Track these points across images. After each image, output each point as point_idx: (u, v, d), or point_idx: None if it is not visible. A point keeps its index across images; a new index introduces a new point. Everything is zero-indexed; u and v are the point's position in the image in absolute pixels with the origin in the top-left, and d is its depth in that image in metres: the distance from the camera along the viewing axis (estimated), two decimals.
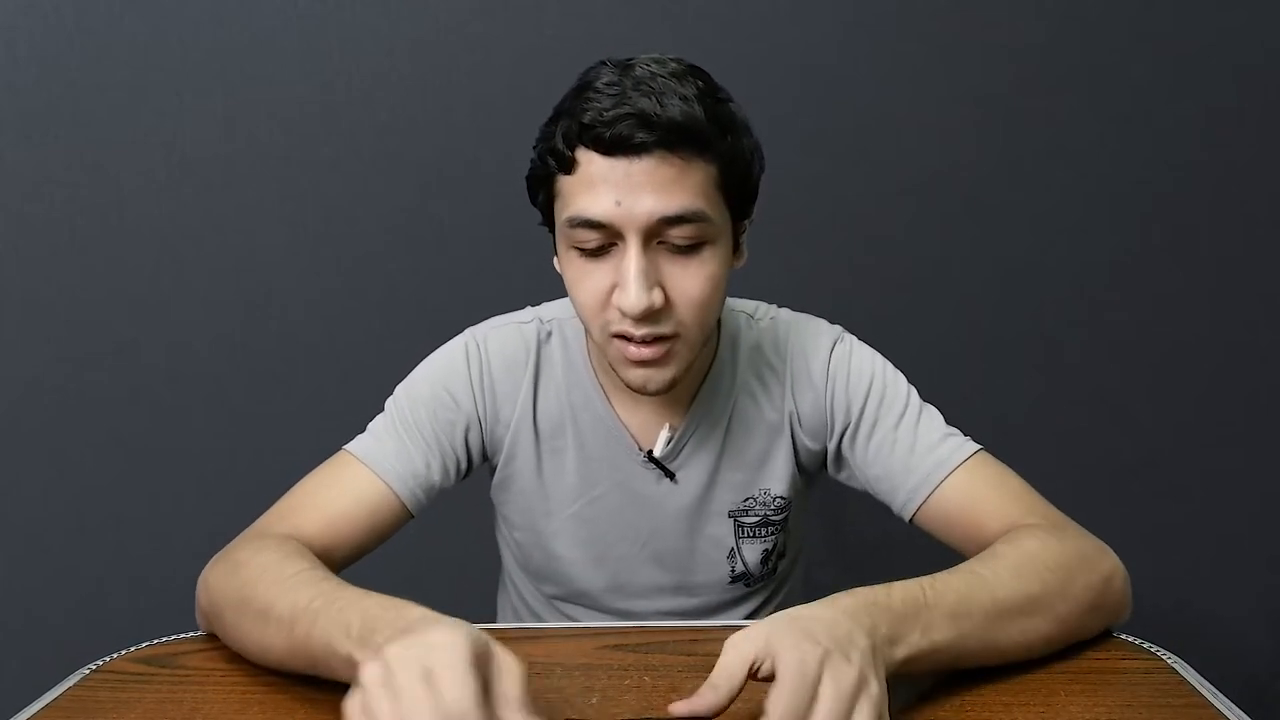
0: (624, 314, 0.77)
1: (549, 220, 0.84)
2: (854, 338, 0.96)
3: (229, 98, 1.43)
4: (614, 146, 0.73)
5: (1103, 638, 0.77)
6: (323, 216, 1.48)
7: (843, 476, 0.97)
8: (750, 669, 0.58)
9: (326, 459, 0.91)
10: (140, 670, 0.73)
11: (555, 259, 0.87)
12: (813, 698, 0.55)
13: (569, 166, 0.77)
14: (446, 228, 1.49)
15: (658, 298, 0.76)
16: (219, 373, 1.51)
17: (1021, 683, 0.69)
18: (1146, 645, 0.75)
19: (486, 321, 0.97)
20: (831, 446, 0.95)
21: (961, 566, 0.73)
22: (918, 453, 0.89)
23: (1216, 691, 0.67)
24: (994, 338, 1.55)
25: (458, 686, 0.51)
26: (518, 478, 0.96)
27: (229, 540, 0.82)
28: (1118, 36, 1.47)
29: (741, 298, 1.00)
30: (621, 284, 0.76)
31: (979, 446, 0.89)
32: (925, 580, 0.68)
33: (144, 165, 1.44)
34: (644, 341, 0.78)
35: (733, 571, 0.97)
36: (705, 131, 0.75)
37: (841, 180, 1.49)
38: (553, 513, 0.96)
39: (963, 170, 1.50)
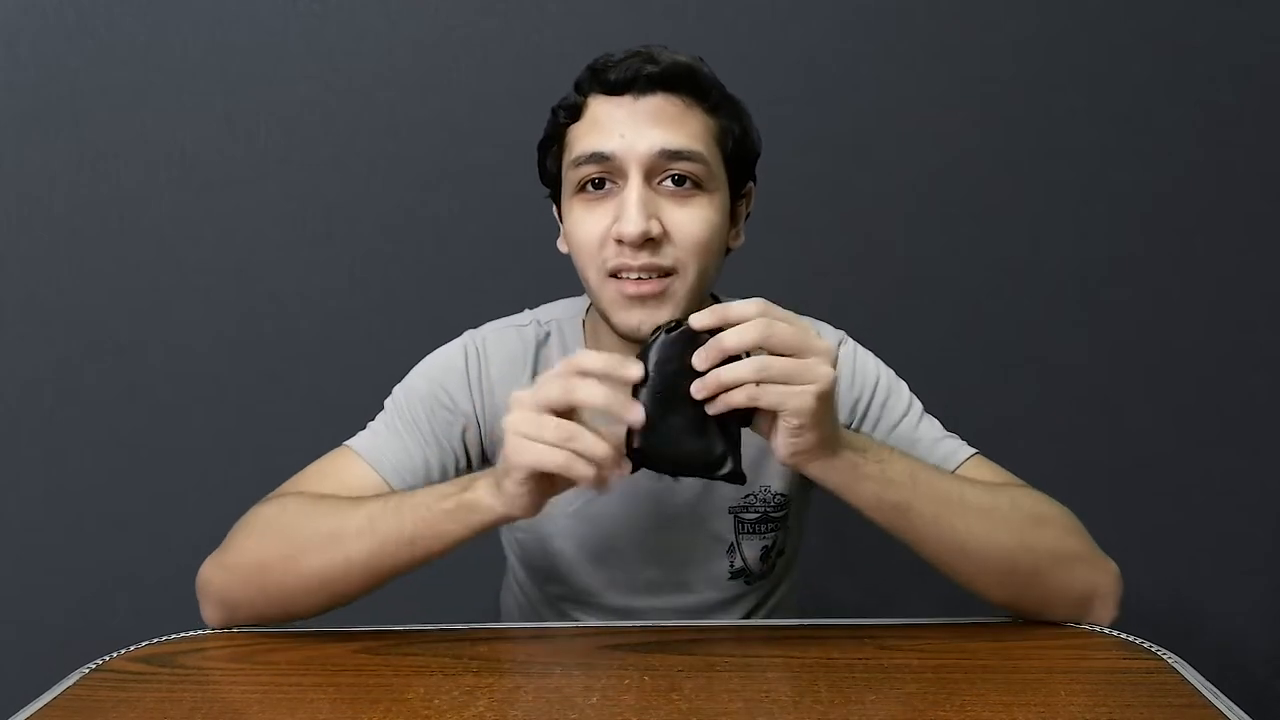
0: (622, 242, 0.79)
1: (557, 191, 0.87)
2: (855, 342, 0.98)
3: (229, 98, 1.44)
4: (619, 86, 0.79)
5: (1103, 638, 0.77)
6: (323, 216, 1.48)
7: None
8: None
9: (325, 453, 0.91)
10: (140, 670, 0.73)
11: (559, 240, 0.89)
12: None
13: (578, 113, 0.82)
14: (446, 228, 1.49)
15: (655, 227, 0.79)
16: (219, 373, 1.51)
17: (1021, 683, 0.69)
18: (1147, 645, 0.75)
19: (485, 325, 0.98)
20: None
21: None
22: (917, 453, 0.89)
23: (1217, 691, 0.67)
24: (994, 338, 1.55)
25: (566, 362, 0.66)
26: None
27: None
28: (1118, 36, 1.47)
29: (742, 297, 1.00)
30: (622, 213, 0.79)
31: (975, 450, 0.90)
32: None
33: (144, 165, 1.44)
34: (642, 277, 0.80)
35: (732, 567, 0.97)
36: (707, 80, 0.81)
37: (841, 180, 1.49)
38: (554, 512, 0.96)
39: (963, 170, 1.50)
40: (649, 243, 0.79)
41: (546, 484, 0.68)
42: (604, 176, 0.80)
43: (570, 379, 0.64)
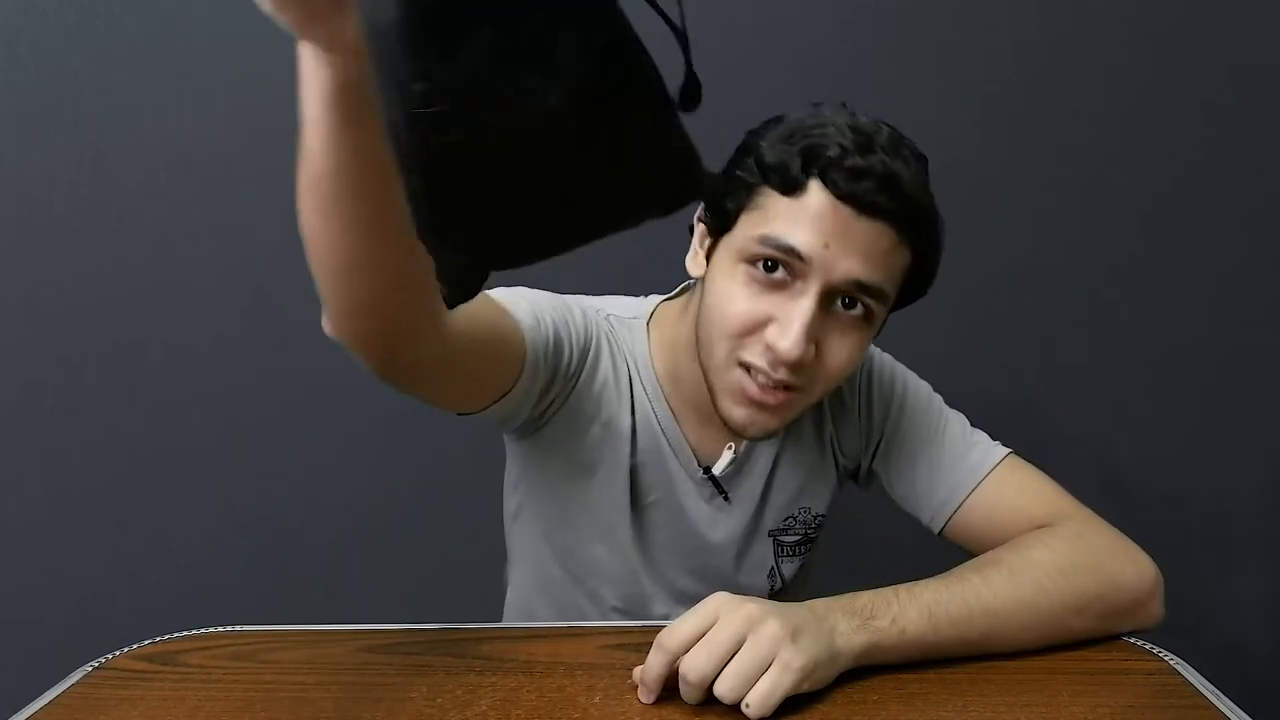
0: (771, 351, 0.74)
1: (722, 223, 0.80)
2: (879, 353, 0.96)
3: (229, 98, 1.43)
4: (852, 197, 0.72)
5: (1105, 638, 0.77)
6: None
7: (871, 489, 0.97)
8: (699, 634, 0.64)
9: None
10: (142, 668, 0.73)
11: (691, 257, 0.84)
12: (734, 654, 0.62)
13: (794, 190, 0.74)
14: None
15: (811, 353, 0.75)
16: (219, 373, 1.51)
17: (1024, 683, 0.69)
18: (1149, 646, 0.75)
19: (607, 301, 0.91)
20: (864, 465, 0.95)
21: (952, 571, 0.75)
22: (944, 465, 0.88)
23: (1218, 692, 0.67)
24: (994, 338, 1.55)
25: None
26: (604, 475, 0.90)
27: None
28: (1118, 36, 1.47)
29: None
30: (784, 324, 0.74)
31: (1006, 451, 0.89)
32: (905, 584, 0.72)
33: (144, 165, 1.44)
34: (773, 386, 0.76)
35: (772, 589, 0.96)
36: (926, 224, 0.77)
37: None
38: (614, 514, 0.92)
39: (963, 170, 1.50)
40: (797, 363, 0.75)
41: None
42: (783, 264, 0.75)
43: None
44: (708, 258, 0.82)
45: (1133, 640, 0.76)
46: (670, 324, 0.89)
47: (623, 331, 0.90)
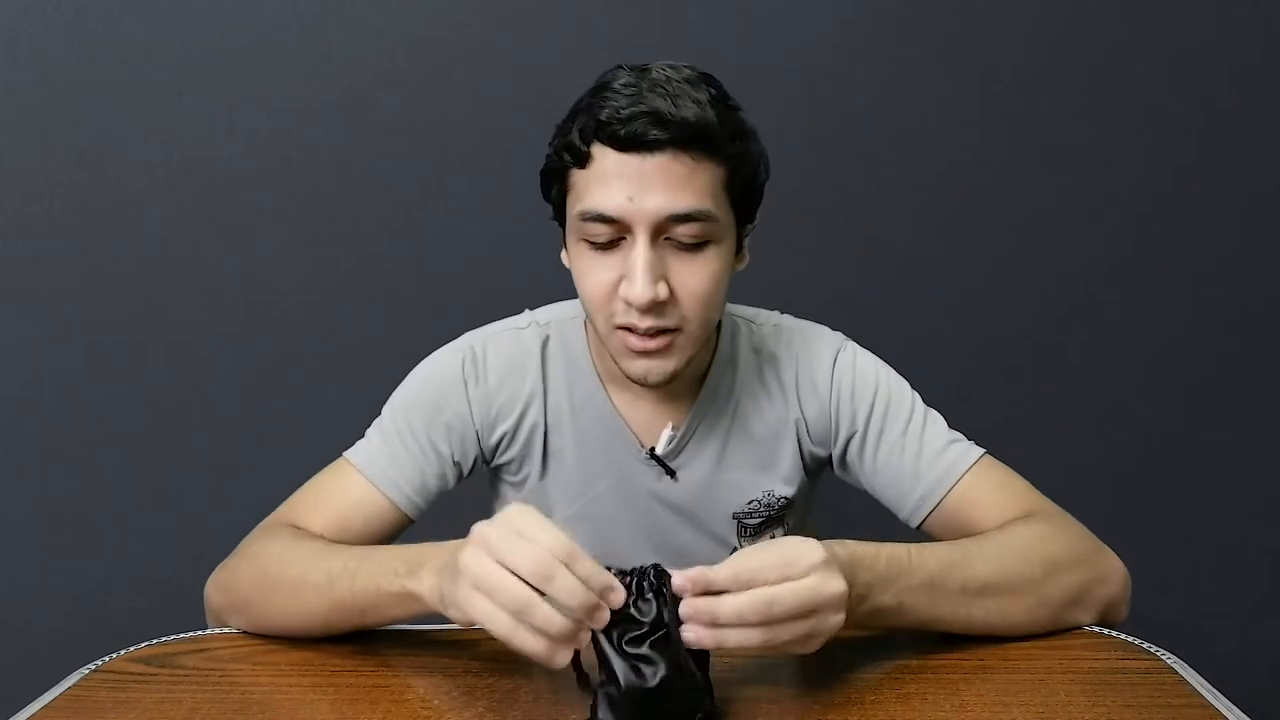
0: (629, 305, 0.79)
1: (560, 214, 0.86)
2: (855, 345, 0.97)
3: (229, 98, 1.43)
4: (628, 143, 0.76)
5: (1102, 638, 0.77)
6: (323, 216, 1.48)
7: (848, 478, 0.97)
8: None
9: (326, 462, 0.91)
10: (140, 670, 0.73)
11: (563, 253, 0.88)
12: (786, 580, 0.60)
13: (583, 161, 0.79)
14: (446, 228, 1.49)
15: (663, 291, 0.78)
16: (219, 373, 1.51)
17: (1022, 683, 0.69)
18: (1146, 645, 0.75)
19: (484, 328, 0.97)
20: (836, 452, 0.95)
21: (952, 541, 0.78)
22: (924, 461, 0.89)
23: (1216, 692, 0.67)
24: (994, 338, 1.55)
25: (549, 531, 0.59)
26: (523, 483, 0.97)
27: (229, 540, 0.83)
28: (1118, 36, 1.47)
29: (743, 298, 1.00)
30: (629, 276, 0.78)
31: (983, 451, 0.90)
32: (914, 547, 0.73)
33: (144, 165, 1.44)
34: (647, 334, 0.80)
35: None
36: (716, 134, 0.77)
37: (841, 180, 1.49)
38: (555, 512, 0.96)
39: (963, 170, 1.50)
40: (656, 304, 0.78)
41: None
42: (612, 235, 0.79)
43: (552, 563, 0.57)
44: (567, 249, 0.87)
45: (1131, 640, 0.76)
46: None
47: (559, 337, 0.95)
